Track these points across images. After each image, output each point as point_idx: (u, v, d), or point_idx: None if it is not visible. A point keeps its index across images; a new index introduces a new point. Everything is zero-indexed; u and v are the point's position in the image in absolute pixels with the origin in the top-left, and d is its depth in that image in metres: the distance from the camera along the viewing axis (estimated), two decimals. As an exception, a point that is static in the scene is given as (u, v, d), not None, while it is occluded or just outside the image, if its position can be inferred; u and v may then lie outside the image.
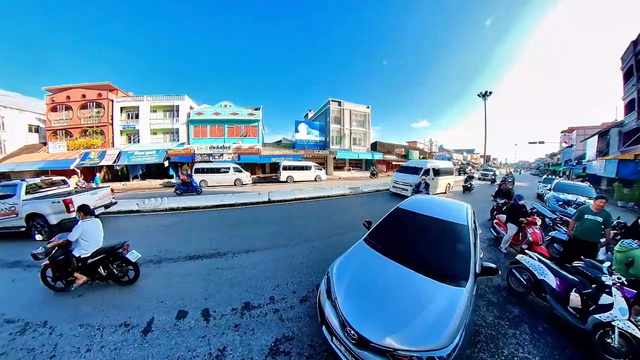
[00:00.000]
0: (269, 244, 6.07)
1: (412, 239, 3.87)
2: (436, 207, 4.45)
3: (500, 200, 9.03)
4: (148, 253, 5.61)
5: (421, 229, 3.94)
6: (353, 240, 4.06)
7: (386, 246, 3.65)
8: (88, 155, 24.17)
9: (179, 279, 4.46)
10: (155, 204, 9.58)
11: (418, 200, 4.85)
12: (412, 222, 4.11)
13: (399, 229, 4.11)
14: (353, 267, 3.27)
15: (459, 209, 4.42)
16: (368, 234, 4.04)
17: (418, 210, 4.28)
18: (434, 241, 3.72)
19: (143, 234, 7.08)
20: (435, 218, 4.00)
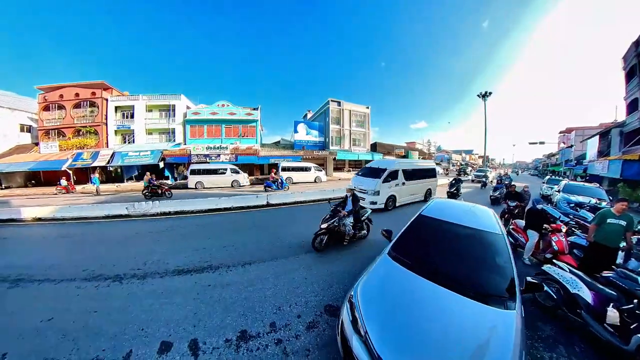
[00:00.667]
0: (267, 255, 5.47)
1: (443, 251, 3.48)
2: (461, 212, 4.16)
3: (512, 203, 8.58)
4: (133, 265, 5.00)
5: (451, 240, 3.58)
6: (361, 249, 3.47)
7: (414, 261, 3.17)
8: (80, 156, 23.43)
9: (165, 299, 3.85)
10: (145, 208, 8.94)
11: (441, 205, 4.53)
12: (440, 231, 3.73)
13: (425, 239, 3.70)
14: (381, 290, 2.77)
15: (486, 214, 4.15)
16: (391, 247, 3.53)
17: (443, 217, 3.92)
18: (468, 254, 3.34)
19: (130, 242, 6.44)
20: (465, 226, 3.64)
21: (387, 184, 10.14)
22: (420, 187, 12.06)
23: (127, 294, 4.04)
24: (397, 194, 10.55)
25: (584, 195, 10.78)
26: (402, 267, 3.06)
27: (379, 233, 4.31)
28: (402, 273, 2.99)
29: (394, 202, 10.47)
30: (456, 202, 5.25)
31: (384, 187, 9.98)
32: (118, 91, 31.56)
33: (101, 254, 5.69)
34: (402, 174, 10.79)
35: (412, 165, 12.02)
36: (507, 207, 8.66)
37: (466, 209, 4.43)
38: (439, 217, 3.93)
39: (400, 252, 3.40)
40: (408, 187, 11.18)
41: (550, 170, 55.07)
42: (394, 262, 3.18)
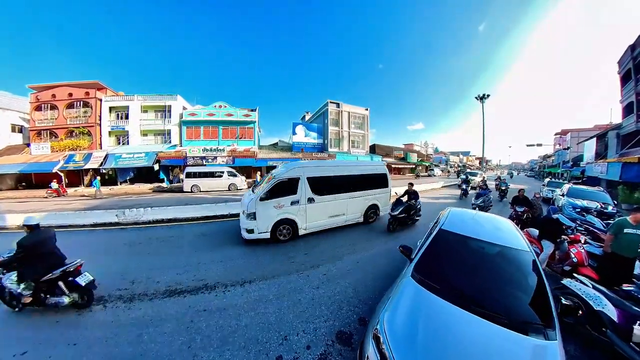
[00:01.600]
0: (268, 271, 5.02)
1: (470, 272, 3.20)
2: (483, 226, 3.94)
3: (519, 209, 8.27)
4: (119, 284, 4.53)
5: (478, 259, 3.38)
6: (371, 261, 3.07)
7: (442, 284, 2.87)
8: (72, 158, 22.73)
9: (154, 329, 3.39)
10: (137, 215, 8.44)
11: (460, 217, 4.30)
12: (464, 249, 3.47)
13: (449, 258, 3.43)
14: (410, 321, 2.45)
15: (508, 228, 3.92)
16: (414, 268, 3.17)
17: (466, 232, 3.64)
18: (498, 275, 3.12)
19: (118, 255, 5.95)
20: (491, 243, 3.38)
21: (274, 200, 6.50)
22: (352, 203, 8.03)
23: (112, 321, 3.57)
24: (299, 216, 6.83)
25: (588, 199, 10.55)
26: (429, 292, 2.74)
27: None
28: (431, 300, 2.66)
29: (294, 230, 6.83)
30: (474, 213, 4.97)
31: (266, 207, 6.39)
32: (113, 91, 30.90)
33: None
34: (306, 184, 6.98)
35: (334, 170, 7.79)
36: (514, 212, 8.37)
37: (487, 221, 4.23)
38: (462, 232, 3.63)
39: (425, 273, 3.05)
40: (323, 205, 7.28)
41: (546, 172, 55.31)
42: (420, 287, 2.83)
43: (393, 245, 6.38)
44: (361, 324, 3.51)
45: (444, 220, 4.08)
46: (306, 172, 7.08)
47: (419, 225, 8.59)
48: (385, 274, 4.88)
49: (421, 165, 53.49)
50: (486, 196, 11.17)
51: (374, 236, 7.39)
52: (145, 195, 18.20)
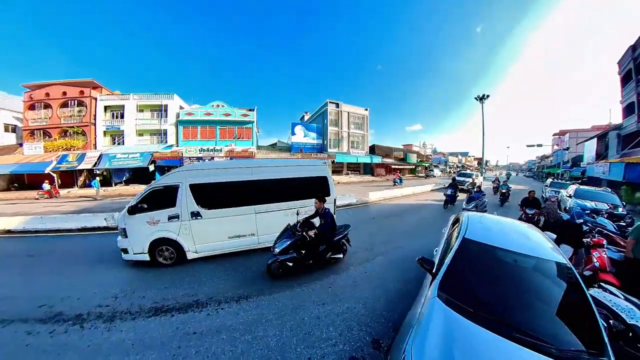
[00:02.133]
0: (267, 284, 4.55)
1: (505, 290, 2.77)
2: (509, 234, 3.61)
3: (530, 211, 7.90)
4: (101, 299, 4.05)
5: (510, 273, 2.96)
6: (378, 272, 2.60)
7: (473, 305, 2.44)
8: (66, 158, 22.15)
9: (136, 357, 2.91)
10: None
11: (481, 223, 3.85)
12: (493, 261, 3.03)
13: (478, 273, 2.99)
14: (444, 355, 2.01)
15: (538, 236, 3.55)
16: (439, 286, 2.69)
17: (492, 241, 3.21)
18: (536, 293, 2.71)
19: (103, 264, 5.45)
20: (524, 255, 2.97)
21: (145, 215, 5.16)
22: (267, 219, 5.96)
23: (88, 346, 3.09)
24: (183, 235, 5.29)
25: (596, 200, 10.23)
26: (462, 317, 2.30)
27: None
28: (466, 328, 2.23)
29: (180, 253, 5.32)
30: (494, 218, 4.56)
31: (137, 222, 5.13)
32: (108, 90, 30.34)
33: (67, 281, 4.72)
34: (189, 194, 5.33)
35: (236, 174, 5.85)
36: (524, 214, 8.01)
37: (512, 228, 3.88)
38: (489, 242, 3.18)
39: (453, 292, 2.60)
40: (216, 222, 5.54)
41: (545, 172, 55.33)
42: (450, 311, 2.39)
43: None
44: (375, 346, 3.06)
45: (464, 227, 3.60)
46: (189, 177, 5.39)
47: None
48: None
49: (421, 165, 53.21)
50: (479, 200, 9.78)
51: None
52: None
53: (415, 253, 6.20)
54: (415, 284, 4.60)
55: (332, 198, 6.81)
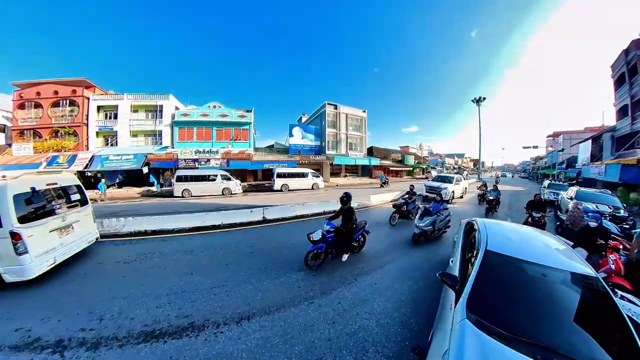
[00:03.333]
0: (271, 300, 4.15)
1: (538, 308, 2.51)
2: (532, 244, 3.46)
3: (536, 214, 7.69)
4: (84, 322, 3.61)
5: (541, 289, 2.73)
6: (388, 283, 2.31)
7: (509, 328, 2.18)
8: (56, 160, 21.45)
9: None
10: (117, 227, 7.47)
11: (498, 233, 3.68)
12: (522, 276, 2.84)
13: (506, 289, 2.72)
14: None
15: (561, 246, 3.42)
16: (466, 306, 2.39)
17: (517, 253, 3.00)
18: (571, 311, 2.46)
19: (88, 279, 4.98)
20: (553, 268, 2.78)
21: None
22: None
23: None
24: None
25: (596, 202, 10.13)
26: (498, 342, 2.04)
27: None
28: (505, 356, 1.97)
29: None
30: (510, 226, 4.39)
31: None
32: (102, 90, 29.67)
33: (48, 300, 4.28)
34: None
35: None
36: (530, 218, 7.78)
37: (533, 237, 3.73)
38: (513, 254, 2.96)
39: (484, 314, 2.31)
40: None
41: (540, 173, 56.08)
42: (485, 335, 2.11)
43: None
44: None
45: (483, 237, 3.37)
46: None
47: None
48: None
49: (418, 167, 53.20)
50: (439, 214, 7.24)
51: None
52: (133, 200, 17.11)
53: (424, 260, 5.96)
54: (428, 294, 4.34)
55: (89, 207, 6.48)
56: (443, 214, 7.43)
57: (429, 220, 6.95)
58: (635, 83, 20.46)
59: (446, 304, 2.83)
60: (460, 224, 5.42)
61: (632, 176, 15.63)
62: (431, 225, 6.94)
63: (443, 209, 7.56)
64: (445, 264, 5.71)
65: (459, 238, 4.59)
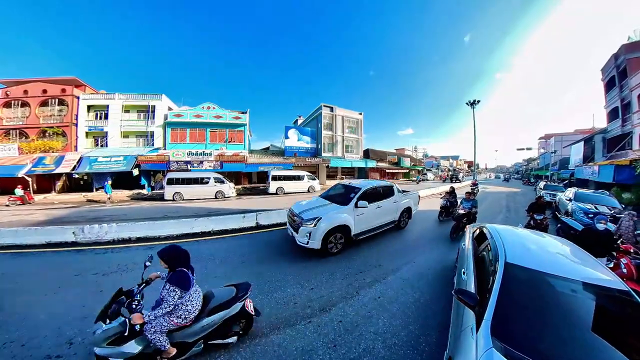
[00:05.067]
0: (265, 319, 3.73)
1: (569, 331, 2.15)
2: (553, 254, 3.11)
3: (538, 217, 7.48)
4: (52, 347, 3.15)
5: (570, 308, 2.37)
6: (392, 295, 2.35)
7: (539, 357, 1.86)
8: (42, 161, 20.64)
9: None
10: (99, 233, 6.95)
11: (518, 242, 3.34)
12: (548, 293, 2.48)
13: (533, 310, 2.33)
14: None
15: (580, 254, 3.16)
16: (492, 330, 2.05)
17: (540, 266, 2.64)
18: (604, 332, 2.09)
19: (62, 294, 4.48)
20: (584, 283, 2.45)
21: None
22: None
23: None
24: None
25: (595, 203, 10.11)
26: None
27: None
28: None
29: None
30: (523, 232, 4.02)
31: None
32: (92, 89, 28.92)
33: (14, 316, 3.80)
34: None
35: None
36: (532, 220, 7.53)
37: (551, 246, 3.39)
38: (537, 267, 2.61)
39: (512, 340, 1.98)
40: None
41: (533, 174, 57.00)
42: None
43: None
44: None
45: (499, 247, 3.02)
46: None
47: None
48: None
49: (414, 169, 53.21)
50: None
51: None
52: (122, 204, 16.49)
53: (429, 269, 5.59)
54: (436, 307, 4.00)
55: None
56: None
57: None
58: (625, 86, 20.98)
59: (460, 322, 2.51)
60: (466, 230, 5.08)
61: (625, 177, 15.97)
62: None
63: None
64: (448, 271, 5.41)
65: (466, 246, 4.25)
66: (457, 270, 4.14)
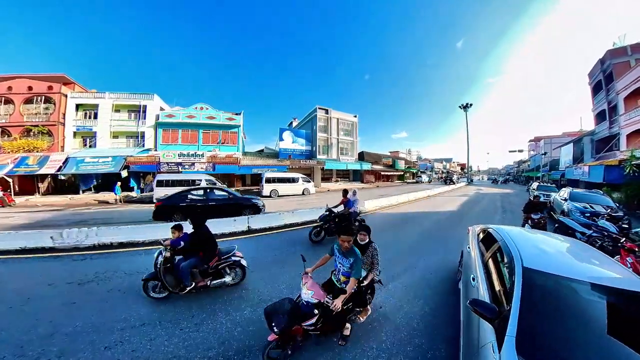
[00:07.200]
0: (258, 335, 3.36)
1: (601, 346, 1.88)
2: (569, 256, 2.90)
3: (535, 216, 7.45)
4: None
5: (599, 317, 2.04)
6: (396, 305, 2.65)
7: None
8: (25, 161, 19.79)
9: None
10: (78, 238, 6.47)
11: (529, 242, 3.10)
12: (574, 301, 2.22)
13: (560, 321, 2.04)
14: None
15: (597, 255, 2.91)
16: (517, 349, 1.78)
17: (561, 270, 2.34)
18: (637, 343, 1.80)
19: (31, 308, 4.01)
20: (614, 288, 2.19)
21: None
22: None
23: None
24: None
25: (590, 202, 10.11)
26: None
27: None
28: None
29: None
30: (536, 233, 3.86)
31: None
32: (82, 87, 28.08)
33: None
34: None
35: None
36: (529, 220, 7.48)
37: (566, 247, 3.15)
38: (559, 272, 2.31)
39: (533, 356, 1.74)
40: None
41: (525, 176, 58.15)
42: None
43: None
44: None
45: (513, 250, 2.71)
46: None
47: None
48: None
49: (409, 172, 53.34)
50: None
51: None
52: (109, 207, 15.86)
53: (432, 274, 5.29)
54: (442, 316, 3.72)
55: None
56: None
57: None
58: (612, 89, 21.60)
59: (475, 336, 2.23)
60: (468, 232, 4.80)
61: (615, 176, 16.32)
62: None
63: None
64: (451, 273, 5.13)
65: (471, 249, 3.97)
66: (463, 276, 3.86)
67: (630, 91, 18.87)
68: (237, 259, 4.54)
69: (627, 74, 19.24)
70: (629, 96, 19.21)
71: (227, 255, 4.47)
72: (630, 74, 18.78)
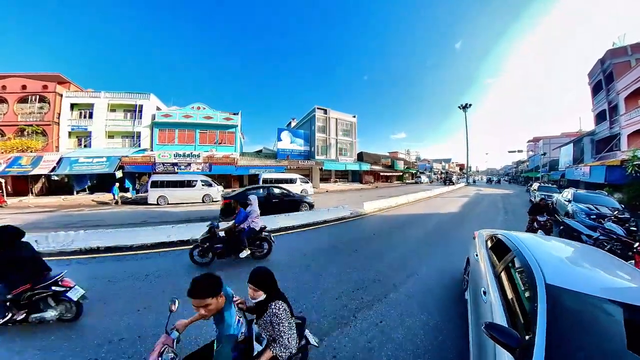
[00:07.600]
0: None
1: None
2: (597, 270, 2.52)
3: (542, 218, 7.16)
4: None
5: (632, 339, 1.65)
6: (397, 318, 2.44)
7: None
8: (18, 161, 19.42)
9: None
10: (64, 242, 6.16)
11: (549, 253, 2.78)
12: (611, 326, 1.82)
13: (593, 349, 1.68)
14: None
15: (623, 266, 2.58)
16: None
17: (590, 289, 1.99)
18: None
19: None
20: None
21: None
22: None
23: None
24: None
25: (594, 204, 9.82)
26: None
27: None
28: None
29: None
30: (555, 242, 3.42)
31: None
32: (78, 87, 27.73)
33: None
34: None
35: None
36: (535, 222, 7.20)
37: (586, 256, 2.93)
38: (588, 291, 1.95)
39: None
40: None
41: (524, 176, 58.24)
42: None
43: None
44: None
45: (532, 264, 2.32)
46: None
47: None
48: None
49: (408, 172, 53.17)
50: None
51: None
52: (103, 208, 15.52)
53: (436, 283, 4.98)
54: (452, 331, 3.40)
55: None
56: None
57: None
58: (612, 89, 21.53)
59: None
60: (474, 237, 4.48)
61: (616, 177, 16.11)
62: None
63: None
64: (456, 281, 4.84)
65: (478, 257, 3.66)
66: (471, 287, 3.55)
67: (631, 91, 18.80)
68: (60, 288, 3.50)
69: (627, 73, 19.16)
70: (630, 96, 19.13)
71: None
72: (631, 74, 18.70)
